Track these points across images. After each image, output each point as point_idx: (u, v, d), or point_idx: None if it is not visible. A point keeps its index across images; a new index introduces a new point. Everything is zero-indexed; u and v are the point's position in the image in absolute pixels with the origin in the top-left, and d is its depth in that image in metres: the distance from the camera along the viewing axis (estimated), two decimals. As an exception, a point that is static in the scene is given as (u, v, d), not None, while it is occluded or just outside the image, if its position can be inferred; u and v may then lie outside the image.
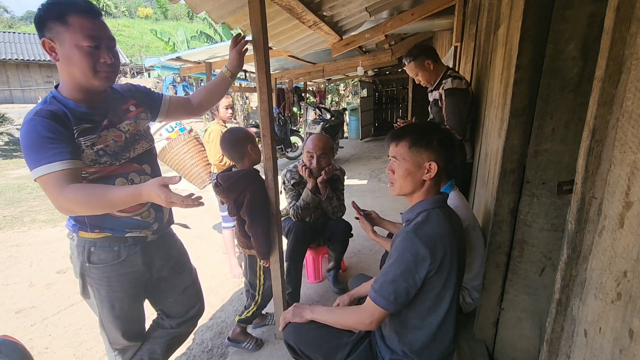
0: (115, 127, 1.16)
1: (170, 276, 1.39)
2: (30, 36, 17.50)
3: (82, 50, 1.01)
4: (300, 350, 1.22)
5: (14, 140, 10.84)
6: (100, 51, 1.05)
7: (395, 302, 1.01)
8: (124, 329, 1.29)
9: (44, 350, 1.97)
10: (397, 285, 1.01)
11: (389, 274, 1.02)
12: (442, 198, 1.11)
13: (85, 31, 1.01)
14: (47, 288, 2.64)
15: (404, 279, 1.00)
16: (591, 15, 1.01)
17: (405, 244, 1.02)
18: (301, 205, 2.15)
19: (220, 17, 2.04)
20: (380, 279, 1.05)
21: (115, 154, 1.14)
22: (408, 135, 1.09)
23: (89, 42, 1.01)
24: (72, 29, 0.99)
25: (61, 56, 1.02)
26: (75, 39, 1.00)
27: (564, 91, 1.10)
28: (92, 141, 1.08)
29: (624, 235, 0.60)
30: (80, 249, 1.18)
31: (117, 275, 1.21)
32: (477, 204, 1.99)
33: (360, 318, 1.07)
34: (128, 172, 1.19)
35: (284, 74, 7.50)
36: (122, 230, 1.19)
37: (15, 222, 4.21)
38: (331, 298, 2.35)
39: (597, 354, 0.67)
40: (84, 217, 1.15)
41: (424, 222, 1.04)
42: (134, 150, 1.21)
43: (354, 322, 1.11)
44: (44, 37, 1.00)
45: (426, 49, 2.20)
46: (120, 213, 1.18)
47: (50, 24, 0.99)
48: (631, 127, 0.59)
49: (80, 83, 1.07)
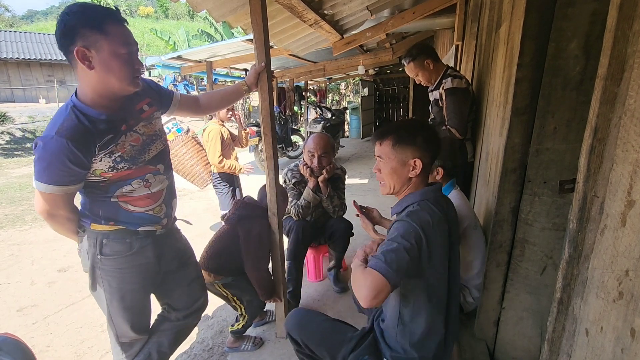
0: (132, 131, 1.17)
1: (177, 269, 1.42)
2: (32, 35, 17.53)
3: (121, 57, 1.03)
4: (304, 344, 1.22)
5: (15, 139, 10.86)
6: (134, 57, 1.08)
7: (395, 273, 0.92)
8: (133, 320, 1.31)
9: (45, 348, 1.97)
10: (399, 255, 0.94)
11: (392, 243, 0.97)
12: (430, 189, 1.10)
13: (123, 39, 1.03)
14: (49, 286, 2.65)
15: (406, 251, 0.95)
16: (593, 13, 1.01)
17: (404, 225, 1.01)
18: (302, 204, 2.15)
19: (221, 15, 2.04)
20: (382, 248, 1.00)
21: (132, 158, 1.16)
22: (391, 133, 1.10)
23: (126, 49, 1.04)
24: (111, 37, 1.01)
25: (97, 64, 1.01)
26: (115, 47, 1.02)
27: (566, 90, 1.09)
28: (111, 150, 1.11)
29: (626, 234, 0.60)
30: (92, 241, 1.20)
31: (129, 267, 1.23)
32: (478, 203, 1.99)
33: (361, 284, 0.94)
34: (144, 174, 1.21)
35: (284, 73, 7.50)
36: (135, 224, 1.23)
37: (17, 221, 4.21)
38: (332, 297, 2.35)
39: (598, 353, 0.67)
40: (99, 210, 1.18)
41: (415, 210, 1.04)
42: (149, 152, 1.23)
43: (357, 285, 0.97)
44: (77, 45, 0.98)
45: (425, 49, 2.19)
46: (135, 208, 1.21)
47: (84, 31, 0.98)
48: (634, 125, 0.59)
49: (112, 90, 1.08)
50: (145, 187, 1.21)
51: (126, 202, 1.19)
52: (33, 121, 12.12)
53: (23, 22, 37.65)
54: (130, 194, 1.19)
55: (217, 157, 2.80)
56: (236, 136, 3.13)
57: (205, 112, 1.60)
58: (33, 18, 42.98)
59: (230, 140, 3.02)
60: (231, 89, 1.60)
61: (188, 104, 1.48)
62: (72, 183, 1.09)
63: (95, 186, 1.15)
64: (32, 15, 45.71)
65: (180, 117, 2.70)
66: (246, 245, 1.68)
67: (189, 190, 5.38)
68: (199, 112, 1.55)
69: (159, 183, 1.26)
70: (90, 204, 1.19)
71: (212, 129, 2.83)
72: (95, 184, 1.14)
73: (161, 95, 1.36)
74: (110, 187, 1.16)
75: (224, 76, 7.57)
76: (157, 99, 1.33)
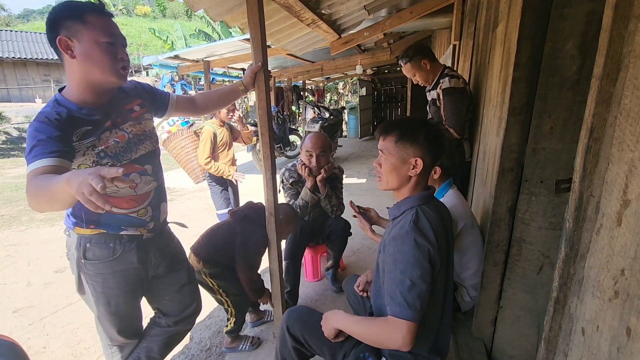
0: (118, 128, 1.16)
1: (166, 274, 1.39)
2: (28, 34, 17.41)
3: (102, 46, 1.04)
4: (304, 339, 1.21)
5: (12, 139, 10.79)
6: (117, 48, 1.08)
7: (421, 308, 0.93)
8: (120, 325, 1.29)
9: (41, 349, 1.96)
10: (419, 290, 0.94)
11: (405, 280, 0.95)
12: (428, 194, 1.10)
13: (105, 29, 1.05)
14: (45, 287, 2.63)
15: (422, 280, 0.94)
16: (589, 13, 1.01)
17: (410, 244, 0.97)
18: (300, 204, 2.15)
19: (218, 15, 2.03)
20: (395, 290, 0.96)
21: (117, 155, 1.15)
22: (395, 129, 1.08)
23: (108, 38, 1.05)
24: (92, 26, 1.03)
25: (79, 53, 1.03)
26: (95, 35, 1.03)
27: (562, 89, 1.10)
28: (93, 143, 1.09)
29: (622, 234, 0.60)
30: (76, 245, 1.18)
31: (112, 272, 1.21)
32: (475, 203, 1.99)
33: (391, 335, 0.95)
34: (129, 173, 1.19)
35: (282, 73, 7.49)
36: (117, 227, 1.20)
37: (13, 222, 4.19)
38: (330, 297, 2.35)
39: (594, 352, 0.67)
40: (82, 212, 1.16)
41: (417, 220, 1.03)
42: (137, 151, 1.21)
43: (384, 338, 0.99)
44: (60, 35, 1.01)
45: (422, 49, 2.20)
46: (117, 210, 1.19)
47: (67, 22, 1.01)
48: (629, 125, 0.59)
49: (95, 81, 1.08)
50: (131, 187, 1.19)
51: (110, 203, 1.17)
52: (29, 121, 12.01)
53: (19, 21, 37.45)
54: (114, 194, 1.17)
55: (204, 159, 2.79)
56: (239, 132, 3.08)
57: (203, 112, 1.60)
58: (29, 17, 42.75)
59: (228, 140, 2.99)
60: (228, 89, 1.60)
61: (185, 104, 1.48)
62: (47, 155, 0.96)
63: None
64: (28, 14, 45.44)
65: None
66: (243, 248, 1.67)
67: (186, 191, 5.37)
68: (196, 112, 1.55)
69: (145, 185, 1.24)
70: (74, 206, 1.13)
71: (206, 130, 2.82)
72: None
73: (155, 99, 1.36)
74: None
75: (221, 76, 7.55)
76: (149, 101, 1.32)
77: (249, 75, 1.53)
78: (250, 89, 1.57)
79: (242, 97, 1.79)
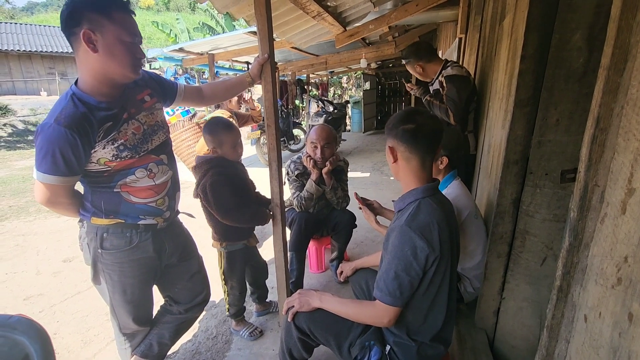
0: (134, 119, 1.18)
1: (178, 263, 1.43)
2: (32, 27, 17.43)
3: (125, 45, 1.05)
4: (309, 330, 1.24)
5: (18, 131, 10.87)
6: (137, 47, 1.10)
7: (402, 296, 1.04)
8: (135, 313, 1.33)
9: (52, 335, 2.00)
10: (400, 281, 1.03)
11: (390, 271, 1.04)
12: (432, 187, 1.11)
13: (129, 28, 1.06)
14: (54, 276, 2.68)
15: (406, 273, 1.03)
16: (598, 4, 1.01)
17: (402, 239, 1.03)
18: (305, 196, 2.16)
19: (224, 6, 2.03)
20: (382, 276, 1.07)
21: (135, 147, 1.17)
22: (390, 120, 1.13)
23: (131, 38, 1.06)
24: (117, 23, 1.03)
25: (101, 47, 1.03)
26: (120, 33, 1.04)
27: (569, 82, 1.10)
28: (114, 137, 1.11)
29: (626, 222, 0.61)
30: (92, 235, 1.21)
31: (129, 261, 1.24)
32: (479, 195, 2.00)
33: (377, 316, 1.09)
34: (147, 163, 1.22)
35: (286, 66, 7.46)
36: (136, 217, 1.23)
37: (21, 212, 4.25)
38: (334, 288, 2.37)
39: (596, 338, 0.68)
40: (100, 202, 1.18)
41: (416, 213, 1.05)
42: (152, 141, 1.23)
43: (369, 318, 1.13)
44: (83, 27, 1.00)
45: (417, 50, 2.25)
46: (137, 199, 1.21)
47: (91, 15, 1.00)
48: (635, 114, 0.59)
49: (112, 76, 1.09)
50: (150, 177, 1.22)
51: (129, 192, 1.20)
52: (35, 113, 12.12)
53: (23, 14, 37.45)
54: (134, 183, 1.20)
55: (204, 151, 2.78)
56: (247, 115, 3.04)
57: (210, 102, 1.62)
58: (33, 10, 42.73)
59: None
60: (235, 80, 1.61)
61: (192, 95, 1.49)
62: (71, 174, 1.08)
63: (98, 176, 1.15)
64: (32, 7, 45.45)
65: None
66: (206, 202, 1.61)
67: (191, 183, 5.41)
68: (203, 102, 1.56)
69: (162, 174, 1.26)
70: (92, 196, 1.19)
71: None
72: (99, 173, 1.15)
73: (164, 88, 1.37)
74: (114, 177, 1.17)
75: (225, 69, 7.54)
76: (158, 90, 1.33)
77: (256, 67, 1.54)
78: (256, 81, 1.58)
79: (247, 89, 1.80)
